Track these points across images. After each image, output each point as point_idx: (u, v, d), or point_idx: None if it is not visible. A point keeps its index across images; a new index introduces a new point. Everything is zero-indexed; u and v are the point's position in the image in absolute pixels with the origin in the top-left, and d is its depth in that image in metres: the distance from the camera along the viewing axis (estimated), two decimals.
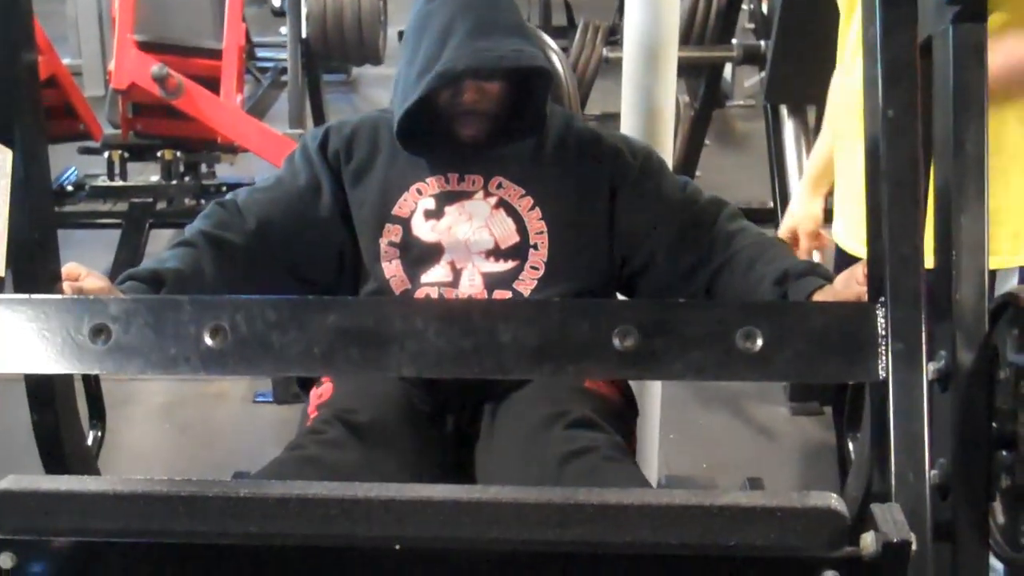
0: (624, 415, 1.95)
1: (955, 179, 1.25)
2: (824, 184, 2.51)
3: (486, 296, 1.91)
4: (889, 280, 1.24)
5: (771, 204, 4.17)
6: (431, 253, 1.95)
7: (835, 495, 1.10)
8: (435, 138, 1.99)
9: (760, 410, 3.51)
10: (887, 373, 1.23)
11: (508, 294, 1.92)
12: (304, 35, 5.39)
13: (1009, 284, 2.17)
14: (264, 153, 4.31)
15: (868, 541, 1.05)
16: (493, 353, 1.27)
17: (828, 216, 2.47)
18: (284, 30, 5.73)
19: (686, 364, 1.27)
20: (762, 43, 4.80)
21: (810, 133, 4.02)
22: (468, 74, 1.90)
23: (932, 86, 1.30)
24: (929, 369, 1.23)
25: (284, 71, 5.74)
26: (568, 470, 1.66)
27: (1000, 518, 1.21)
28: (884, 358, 1.24)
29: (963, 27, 1.26)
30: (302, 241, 1.96)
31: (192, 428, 3.59)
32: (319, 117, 5.66)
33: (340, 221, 1.99)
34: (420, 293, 1.93)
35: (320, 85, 5.68)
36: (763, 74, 4.74)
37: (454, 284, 1.93)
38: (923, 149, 1.29)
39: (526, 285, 1.93)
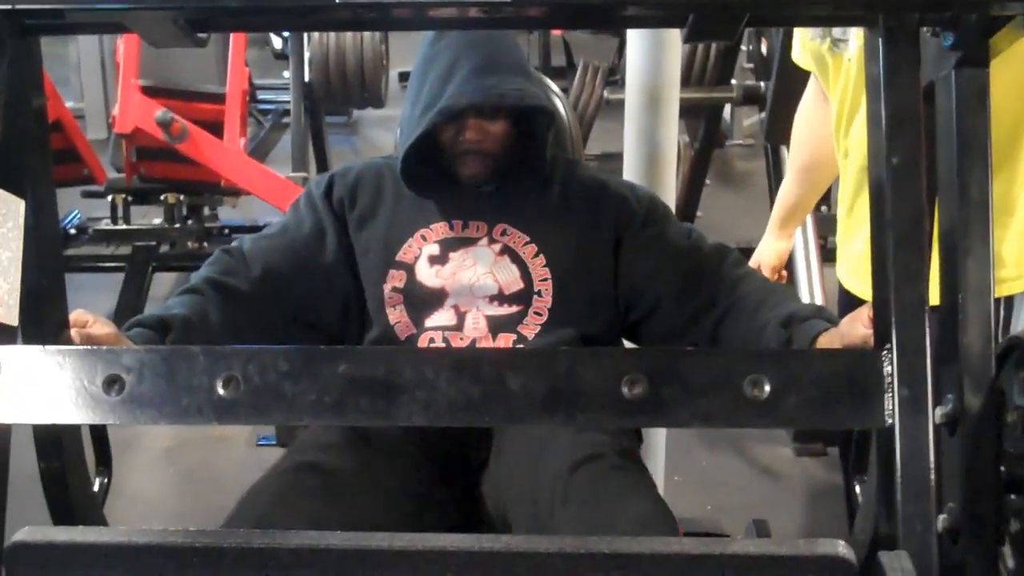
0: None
1: (960, 223, 1.26)
2: (791, 225, 2.54)
3: (490, 339, 1.91)
4: (895, 327, 1.25)
5: None
6: (435, 298, 1.95)
7: (843, 542, 1.11)
8: (439, 180, 2.00)
9: (764, 451, 3.51)
10: (893, 420, 1.23)
11: (512, 337, 1.92)
12: (307, 79, 5.42)
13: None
14: (267, 196, 4.33)
15: None
16: (503, 402, 1.27)
17: (831, 255, 2.48)
18: (287, 73, 5.76)
19: (694, 412, 1.28)
20: (761, 84, 4.83)
21: None
22: (471, 111, 1.93)
23: (936, 130, 1.31)
24: (936, 413, 1.24)
25: (286, 113, 5.76)
26: (576, 478, 1.65)
27: (1010, 563, 1.21)
28: (890, 404, 1.24)
29: (965, 72, 1.26)
30: (307, 288, 1.97)
31: (196, 472, 3.58)
32: (321, 160, 5.67)
33: (344, 268, 1.99)
34: (424, 337, 1.92)
35: (323, 128, 5.71)
36: (763, 114, 4.77)
37: (458, 327, 1.92)
38: (928, 191, 1.31)
39: (530, 329, 1.93)
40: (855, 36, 2.07)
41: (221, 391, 1.28)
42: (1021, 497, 1.19)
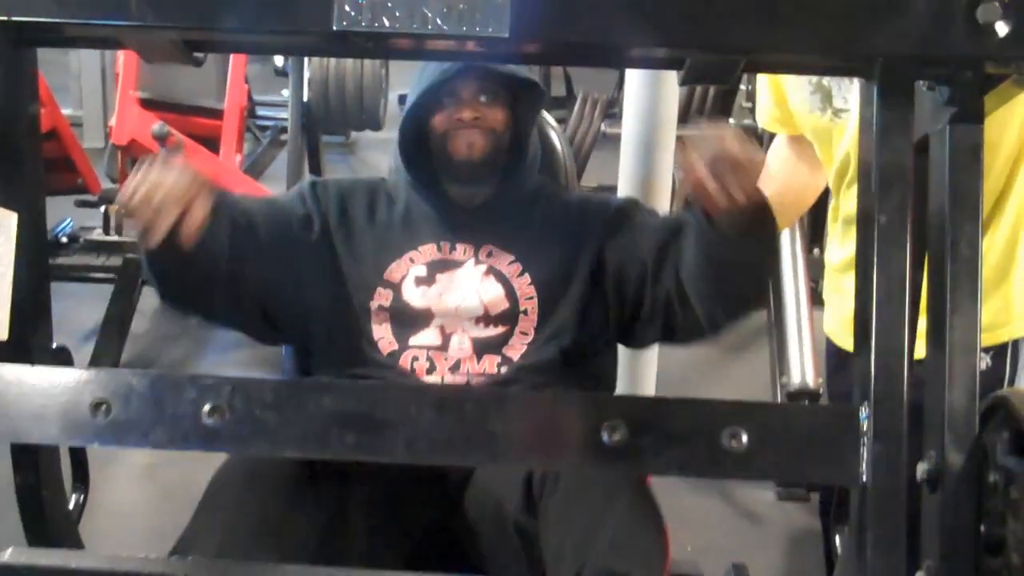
0: None
1: (948, 279, 1.26)
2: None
3: (475, 360, 1.92)
4: (873, 385, 1.26)
5: None
6: (421, 318, 1.95)
7: None
8: (433, 184, 2.02)
9: (746, 495, 3.48)
10: (868, 478, 1.25)
11: (497, 359, 1.93)
12: (306, 99, 5.42)
13: None
14: None
15: None
16: (485, 442, 1.28)
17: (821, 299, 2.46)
18: (286, 92, 5.76)
19: (671, 460, 1.29)
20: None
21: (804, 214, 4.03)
22: (465, 91, 1.97)
23: (928, 184, 1.31)
24: (918, 469, 1.23)
25: (284, 130, 5.76)
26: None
27: None
28: (866, 462, 1.25)
29: (959, 128, 1.27)
30: (280, 259, 1.95)
31: (175, 491, 3.53)
32: None
33: (318, 263, 1.99)
34: (407, 355, 1.92)
35: (319, 147, 5.70)
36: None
37: (443, 348, 1.93)
38: (920, 244, 1.31)
39: (515, 351, 1.93)
40: (855, 105, 2.06)
41: (207, 420, 1.29)
42: (999, 558, 1.18)
